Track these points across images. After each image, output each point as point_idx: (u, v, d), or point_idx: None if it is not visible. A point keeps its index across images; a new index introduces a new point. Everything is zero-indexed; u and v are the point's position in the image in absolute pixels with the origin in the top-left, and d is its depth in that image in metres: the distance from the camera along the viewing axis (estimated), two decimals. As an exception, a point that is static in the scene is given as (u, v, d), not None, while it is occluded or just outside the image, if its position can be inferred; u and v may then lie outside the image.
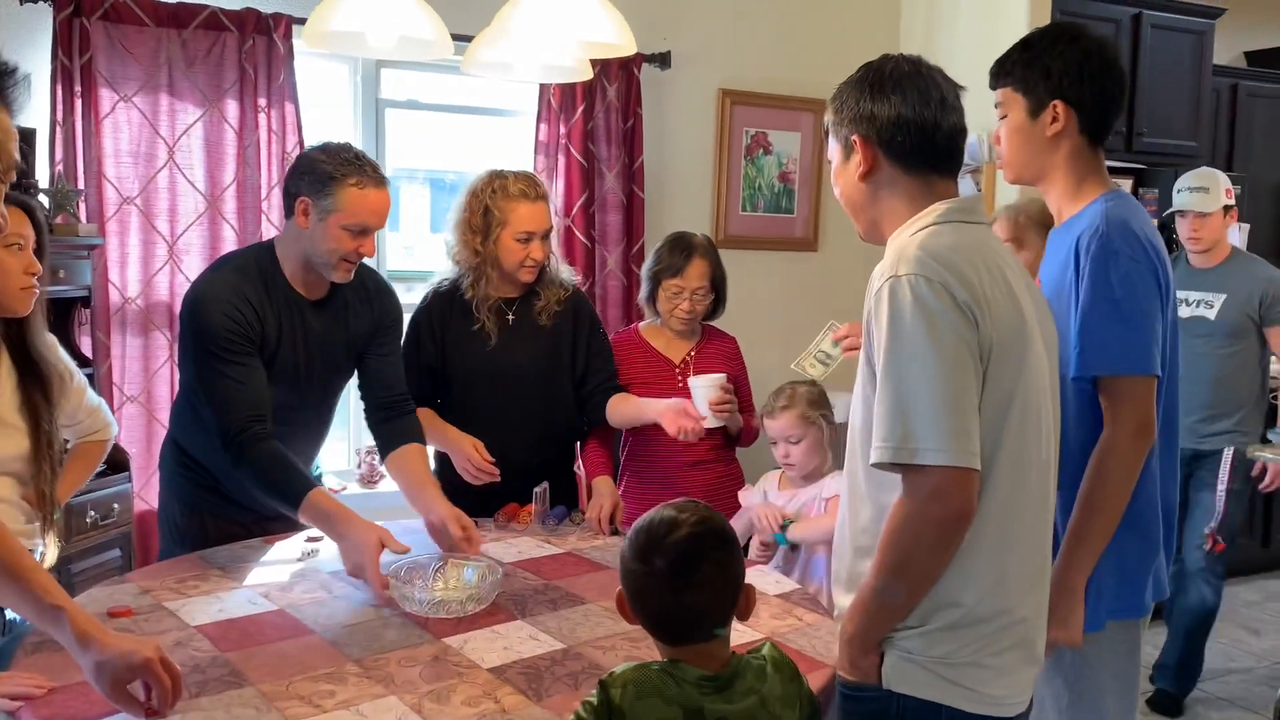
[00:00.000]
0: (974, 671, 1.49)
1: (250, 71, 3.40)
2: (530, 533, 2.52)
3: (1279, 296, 3.54)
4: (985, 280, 1.46)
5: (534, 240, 2.55)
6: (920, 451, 1.39)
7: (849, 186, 1.62)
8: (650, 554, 1.38)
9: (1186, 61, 4.63)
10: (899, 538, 1.44)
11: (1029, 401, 1.50)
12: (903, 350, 1.41)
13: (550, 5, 1.93)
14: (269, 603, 2.03)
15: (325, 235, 2.22)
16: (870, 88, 1.56)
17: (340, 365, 2.45)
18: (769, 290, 4.39)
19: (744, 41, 4.30)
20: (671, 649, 1.41)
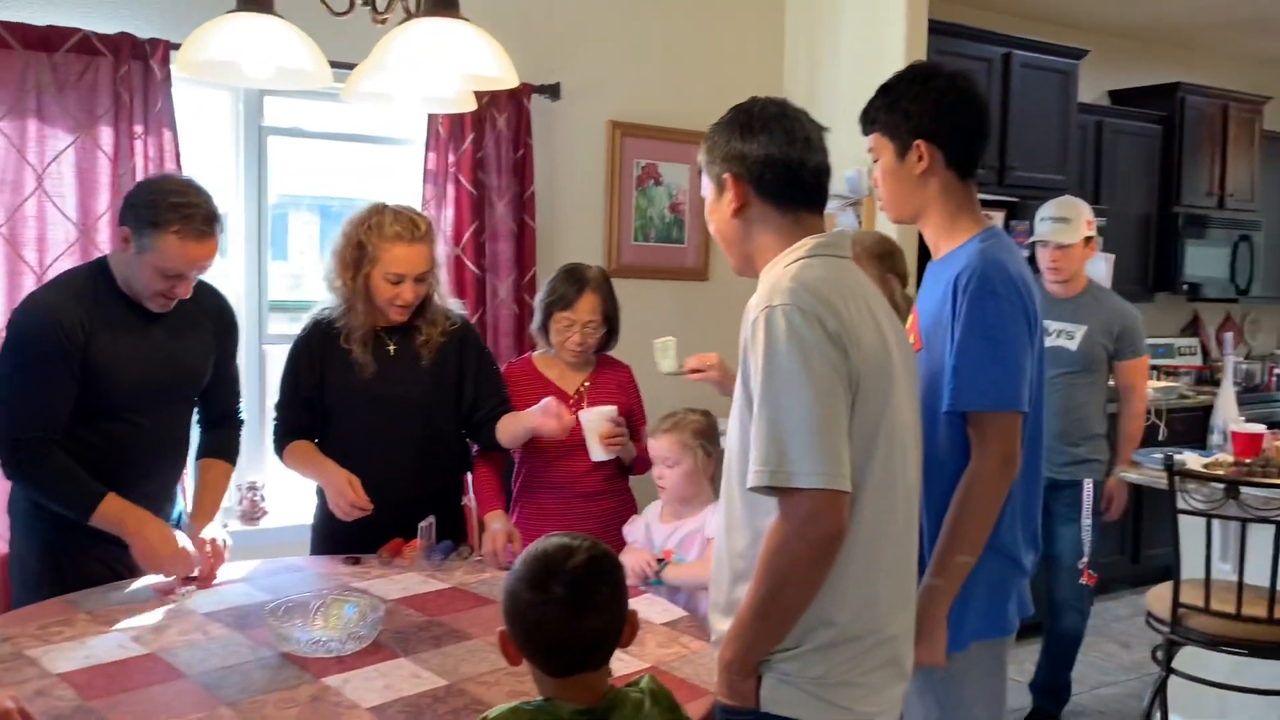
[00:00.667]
0: (847, 690, 1.54)
1: (126, 97, 3.30)
2: (416, 568, 2.49)
3: (1130, 330, 3.64)
4: (853, 312, 1.54)
5: (405, 282, 2.53)
6: (795, 475, 1.44)
7: (722, 222, 1.69)
8: (549, 582, 1.37)
9: (1054, 99, 4.87)
10: (775, 559, 1.48)
11: (894, 429, 1.57)
12: (777, 377, 1.47)
13: (429, 38, 1.93)
14: (139, 646, 1.96)
15: (140, 270, 2.24)
16: (740, 128, 1.63)
17: (190, 373, 2.43)
18: (662, 318, 4.42)
19: (633, 75, 4.36)
20: (557, 681, 1.40)
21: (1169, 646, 3.05)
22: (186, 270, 2.25)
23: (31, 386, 2.20)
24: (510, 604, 1.41)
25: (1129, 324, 3.64)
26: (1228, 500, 2.87)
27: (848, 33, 4.38)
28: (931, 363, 1.89)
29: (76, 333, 2.21)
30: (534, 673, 1.43)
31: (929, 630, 1.81)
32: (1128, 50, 6.09)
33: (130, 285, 2.28)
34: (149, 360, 2.31)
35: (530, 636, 1.39)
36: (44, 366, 2.19)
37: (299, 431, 2.61)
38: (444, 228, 3.90)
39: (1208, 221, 5.90)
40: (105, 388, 2.25)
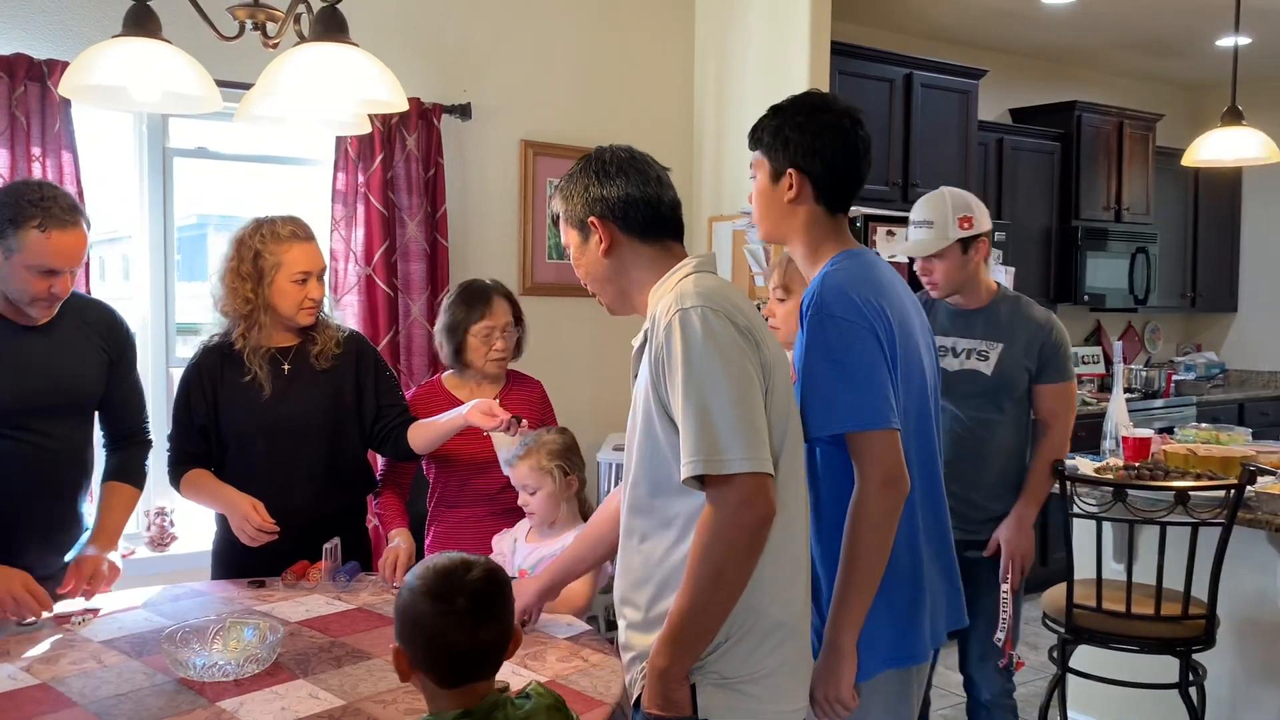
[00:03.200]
0: (778, 683, 1.62)
1: (22, 119, 3.25)
2: (321, 590, 2.48)
3: (1058, 346, 2.90)
4: (752, 314, 1.65)
5: (310, 279, 2.56)
6: (727, 461, 1.51)
7: (593, 264, 1.77)
8: (451, 594, 1.42)
9: (954, 117, 5.03)
10: (712, 548, 1.53)
11: (795, 423, 1.69)
12: (698, 373, 1.54)
13: (317, 62, 1.95)
14: (30, 677, 1.93)
15: (13, 276, 2.22)
16: (596, 175, 1.74)
17: (75, 387, 2.38)
18: (575, 336, 4.48)
19: (545, 94, 4.40)
20: (449, 692, 1.43)
21: (1064, 645, 3.16)
22: (58, 264, 2.21)
23: None
24: (409, 616, 1.44)
25: (1057, 339, 2.90)
26: (1116, 503, 2.98)
27: (755, 54, 4.48)
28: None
29: None
30: (425, 687, 1.45)
31: (834, 667, 1.79)
32: (1027, 70, 6.31)
33: (10, 297, 2.25)
34: (24, 374, 2.27)
35: (430, 647, 1.42)
36: None
37: (194, 460, 2.58)
38: (354, 248, 3.90)
39: (1106, 234, 6.13)
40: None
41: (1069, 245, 6.00)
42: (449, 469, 2.80)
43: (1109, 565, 3.20)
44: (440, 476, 2.84)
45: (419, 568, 1.47)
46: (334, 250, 3.86)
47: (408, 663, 1.44)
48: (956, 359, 2.92)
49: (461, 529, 2.79)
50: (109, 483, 2.49)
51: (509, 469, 2.59)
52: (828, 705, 1.81)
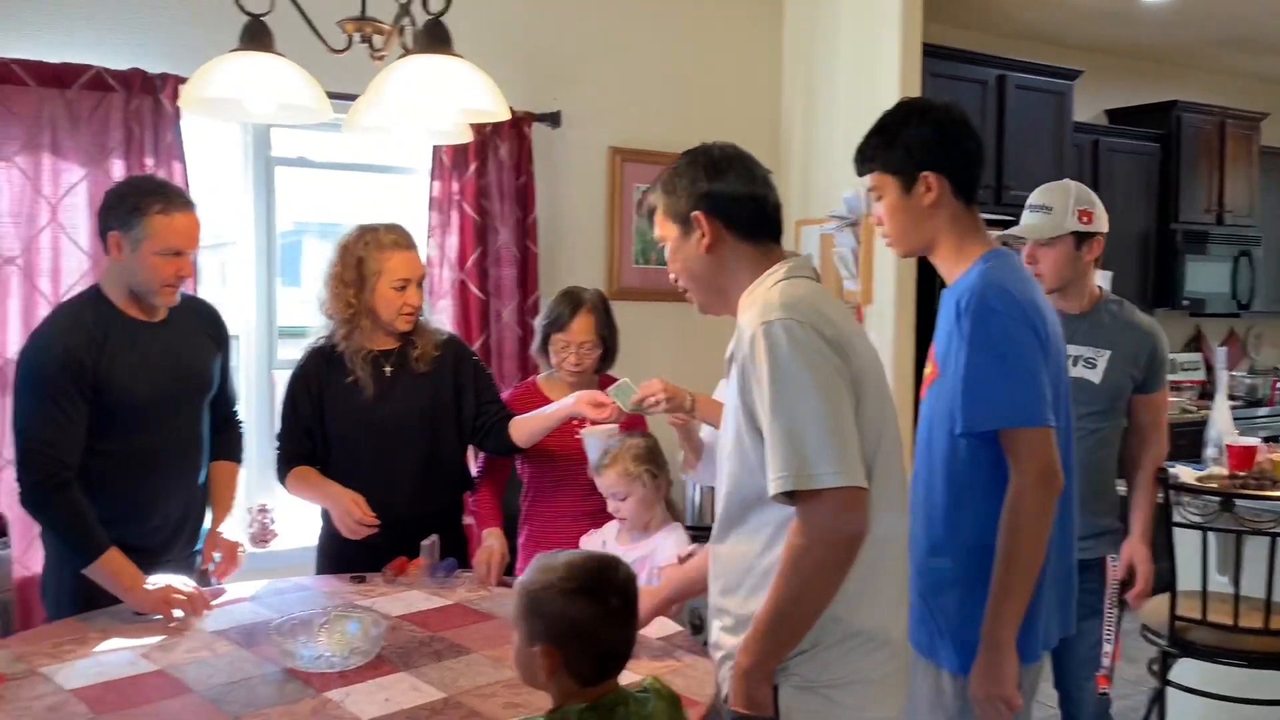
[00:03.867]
0: (862, 690, 1.59)
1: (136, 131, 3.39)
2: (419, 586, 2.54)
3: (1161, 355, 2.78)
4: (843, 322, 1.62)
5: (410, 286, 2.62)
6: (817, 476, 1.49)
7: (692, 260, 1.73)
8: (605, 592, 1.45)
9: (1049, 119, 4.94)
10: (799, 562, 1.52)
11: (890, 431, 1.64)
12: (786, 386, 1.52)
13: (423, 73, 2.00)
14: (149, 663, 2.02)
15: (142, 264, 2.32)
16: (705, 169, 1.71)
17: (199, 378, 2.51)
18: (662, 340, 4.50)
19: (632, 101, 4.44)
20: (586, 691, 1.44)
21: (1165, 659, 3.08)
22: (183, 245, 2.34)
23: (47, 420, 2.27)
24: (564, 616, 1.43)
25: (1160, 346, 2.77)
26: (1222, 513, 2.90)
27: (844, 57, 4.46)
28: (947, 387, 1.89)
29: (84, 357, 2.29)
30: (560, 688, 1.45)
31: (996, 665, 1.80)
32: (1124, 69, 6.16)
33: (137, 289, 2.37)
34: (158, 368, 2.39)
35: (585, 646, 1.43)
36: (58, 398, 2.27)
37: (301, 459, 2.68)
38: (448, 254, 3.99)
39: (1207, 237, 5.94)
40: (120, 402, 2.33)
41: (1168, 249, 5.84)
42: (542, 467, 2.85)
43: (1213, 577, 3.10)
44: (534, 475, 2.89)
45: (556, 567, 1.47)
46: (429, 257, 3.94)
47: (559, 664, 1.43)
48: (1072, 367, 2.69)
49: (554, 527, 2.82)
50: (216, 463, 2.62)
51: (596, 474, 2.62)
52: (990, 704, 1.81)
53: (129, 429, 2.36)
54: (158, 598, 2.26)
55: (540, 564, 1.50)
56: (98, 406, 2.31)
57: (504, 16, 4.13)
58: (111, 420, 2.33)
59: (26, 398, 2.31)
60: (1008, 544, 1.80)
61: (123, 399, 2.33)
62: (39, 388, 2.28)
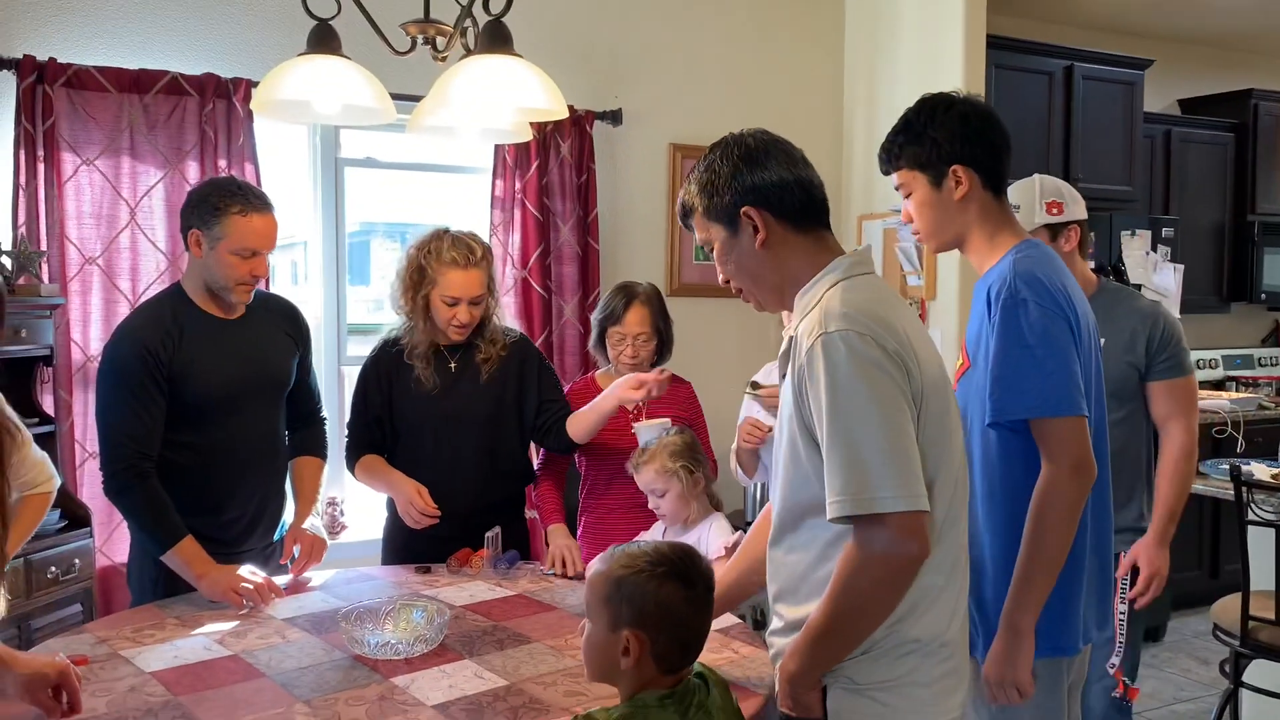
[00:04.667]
0: (913, 693, 1.54)
1: (210, 134, 3.50)
2: (483, 577, 2.59)
3: (1167, 336, 2.66)
4: (908, 328, 1.54)
5: (460, 305, 2.64)
6: (879, 500, 1.43)
7: (748, 260, 1.64)
8: (694, 577, 1.48)
9: (1118, 110, 4.84)
10: (854, 582, 1.48)
11: (955, 438, 1.58)
12: (845, 404, 1.45)
13: (484, 74, 2.04)
14: (223, 648, 2.09)
15: (219, 262, 2.40)
16: (743, 160, 1.61)
17: (277, 372, 2.58)
18: (723, 336, 4.51)
19: (693, 98, 4.46)
20: (670, 677, 1.48)
21: (1237, 659, 3.01)
22: (259, 245, 2.42)
23: (126, 411, 2.37)
24: (653, 601, 1.46)
25: (1166, 330, 2.67)
26: (1297, 511, 2.83)
27: (907, 48, 4.42)
28: (977, 378, 1.88)
29: (160, 352, 2.38)
30: (640, 677, 1.47)
31: (1013, 650, 1.79)
32: (1196, 58, 6.01)
33: (214, 285, 2.45)
34: (234, 362, 2.48)
35: (674, 632, 1.46)
36: (138, 392, 2.37)
37: (369, 448, 2.75)
38: (511, 251, 4.04)
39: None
40: (196, 393, 2.42)
41: (1244, 241, 5.68)
42: (598, 460, 2.89)
43: (1288, 577, 3.03)
44: (590, 468, 2.93)
45: (641, 554, 1.49)
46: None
47: (645, 650, 1.45)
48: None
49: (611, 519, 2.87)
50: (300, 458, 2.70)
51: (635, 471, 2.64)
52: (1001, 688, 1.80)
53: (205, 422, 2.44)
54: (227, 586, 2.33)
55: (620, 553, 1.52)
56: (174, 400, 2.40)
57: (565, 16, 4.17)
58: (188, 414, 2.42)
59: (108, 391, 2.41)
60: (1035, 532, 1.78)
61: (198, 392, 2.42)
62: (119, 381, 2.38)
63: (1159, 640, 4.68)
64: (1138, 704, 3.91)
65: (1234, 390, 5.72)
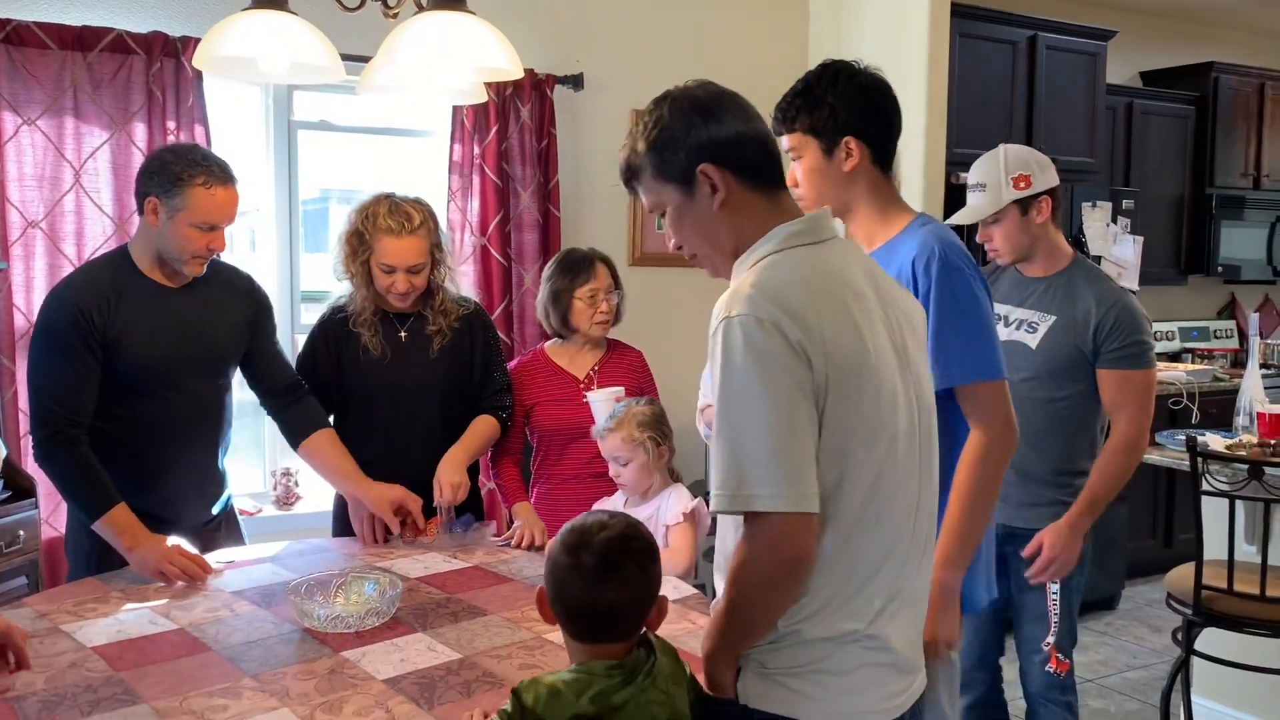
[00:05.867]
0: (827, 680, 1.45)
1: (158, 94, 3.39)
2: (438, 546, 2.55)
3: (1121, 325, 2.55)
4: (822, 312, 1.40)
5: (397, 273, 2.57)
6: (756, 498, 1.36)
7: (705, 223, 1.52)
8: (579, 550, 1.45)
9: (1081, 81, 4.84)
10: (742, 575, 1.42)
11: (876, 428, 1.44)
12: (734, 394, 1.38)
13: (436, 31, 1.98)
14: (169, 622, 2.04)
15: (175, 233, 2.32)
16: (696, 114, 1.49)
17: (217, 348, 2.49)
18: (683, 306, 4.47)
19: (656, 63, 4.39)
20: (581, 646, 1.47)
21: (1189, 627, 3.04)
22: (219, 219, 2.33)
23: (58, 375, 2.29)
24: (547, 566, 1.50)
25: (1119, 318, 2.55)
26: (1251, 481, 2.86)
27: (872, 17, 4.38)
28: None
29: (94, 315, 2.29)
30: (565, 637, 1.51)
31: (946, 609, 1.82)
32: (1159, 30, 6.02)
33: (166, 254, 2.36)
34: (171, 333, 2.38)
35: (557, 598, 1.48)
36: (69, 354, 2.28)
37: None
38: (470, 218, 3.97)
39: (1244, 202, 5.82)
40: (129, 363, 2.33)
41: (1202, 214, 5.72)
42: (550, 432, 2.86)
43: (1241, 546, 3.06)
44: (542, 439, 2.90)
45: (572, 521, 1.51)
46: (450, 220, 3.93)
47: (549, 609, 1.50)
48: (1007, 329, 2.67)
49: (563, 490, 2.84)
50: (319, 433, 2.58)
51: (599, 438, 2.61)
52: (942, 648, 1.82)
53: (140, 393, 2.36)
54: (155, 562, 2.26)
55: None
56: (109, 368, 2.32)
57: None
58: (119, 383, 2.34)
59: (40, 353, 2.33)
60: (971, 493, 1.84)
61: (132, 361, 2.34)
62: (50, 342, 2.30)
63: (1113, 608, 4.74)
64: (1091, 671, 3.98)
65: (1190, 362, 5.78)
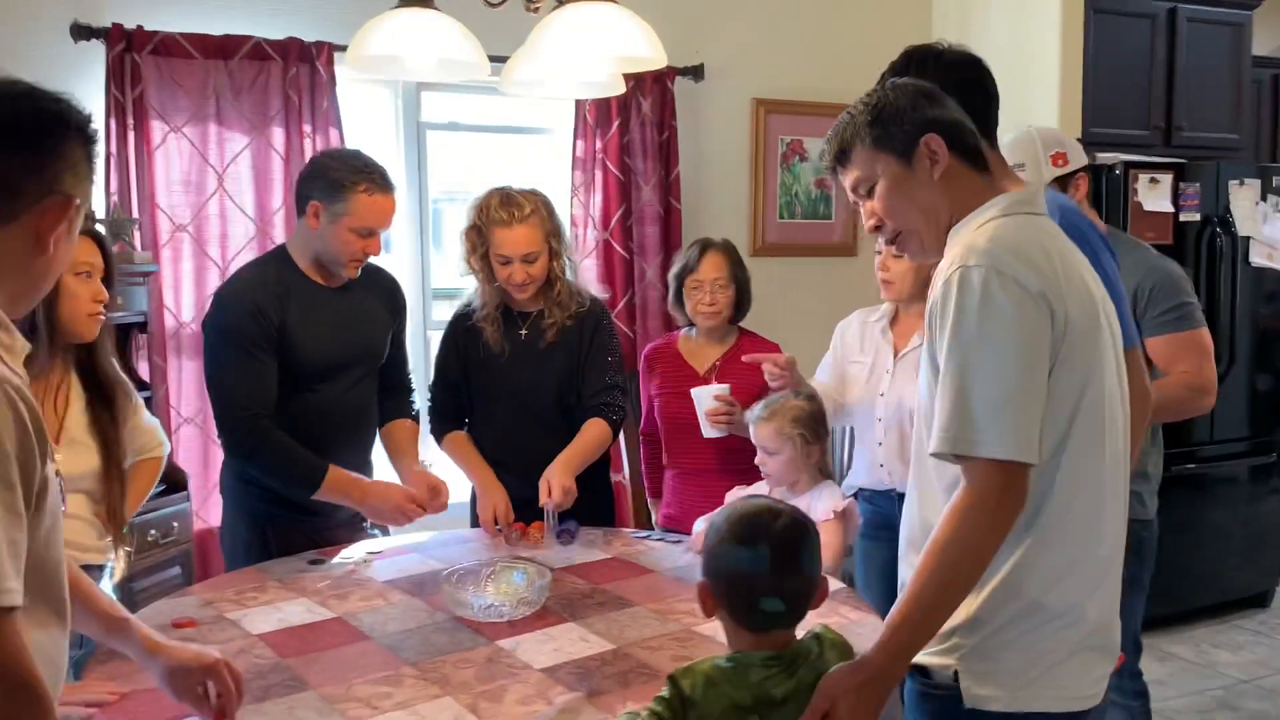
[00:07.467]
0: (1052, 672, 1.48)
1: (295, 99, 3.49)
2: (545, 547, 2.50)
3: (1161, 290, 2.51)
4: (1057, 270, 1.46)
5: (512, 264, 2.57)
6: (980, 444, 1.38)
7: (922, 192, 1.54)
8: (756, 539, 1.43)
9: (1224, 54, 4.60)
10: (956, 526, 1.42)
11: (1102, 388, 1.49)
12: (967, 340, 1.41)
13: (582, 22, 1.98)
14: (327, 611, 2.08)
15: (335, 237, 2.38)
16: (921, 96, 1.56)
17: (372, 344, 2.57)
18: (809, 296, 4.41)
19: (775, 51, 4.34)
20: (751, 636, 1.44)
21: None
22: (378, 225, 2.40)
23: (242, 370, 2.36)
24: (716, 559, 1.46)
25: (1160, 282, 2.51)
26: None
27: None
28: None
29: (271, 312, 2.38)
30: (726, 627, 1.48)
31: None
32: (1307, -3, 5.69)
33: (325, 257, 2.43)
34: (334, 332, 2.46)
35: (728, 589, 1.44)
36: (251, 351, 2.36)
37: (453, 413, 2.74)
38: (593, 213, 3.99)
39: (1402, 177, 5.47)
40: (300, 360, 2.41)
41: (1356, 190, 5.39)
42: (669, 427, 2.87)
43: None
44: (667, 433, 2.90)
45: (728, 512, 1.48)
46: (574, 216, 3.96)
47: (712, 601, 1.46)
48: None
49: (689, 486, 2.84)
50: (391, 422, 2.68)
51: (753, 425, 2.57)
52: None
53: (301, 390, 2.43)
54: (394, 508, 2.39)
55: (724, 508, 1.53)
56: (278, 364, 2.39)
57: (645, -30, 4.08)
58: (286, 378, 2.41)
59: (221, 352, 2.40)
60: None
61: (298, 359, 2.41)
62: (231, 341, 2.37)
63: (1266, 606, 4.50)
64: (1247, 672, 3.81)
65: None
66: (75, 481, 1.99)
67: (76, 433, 2.03)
